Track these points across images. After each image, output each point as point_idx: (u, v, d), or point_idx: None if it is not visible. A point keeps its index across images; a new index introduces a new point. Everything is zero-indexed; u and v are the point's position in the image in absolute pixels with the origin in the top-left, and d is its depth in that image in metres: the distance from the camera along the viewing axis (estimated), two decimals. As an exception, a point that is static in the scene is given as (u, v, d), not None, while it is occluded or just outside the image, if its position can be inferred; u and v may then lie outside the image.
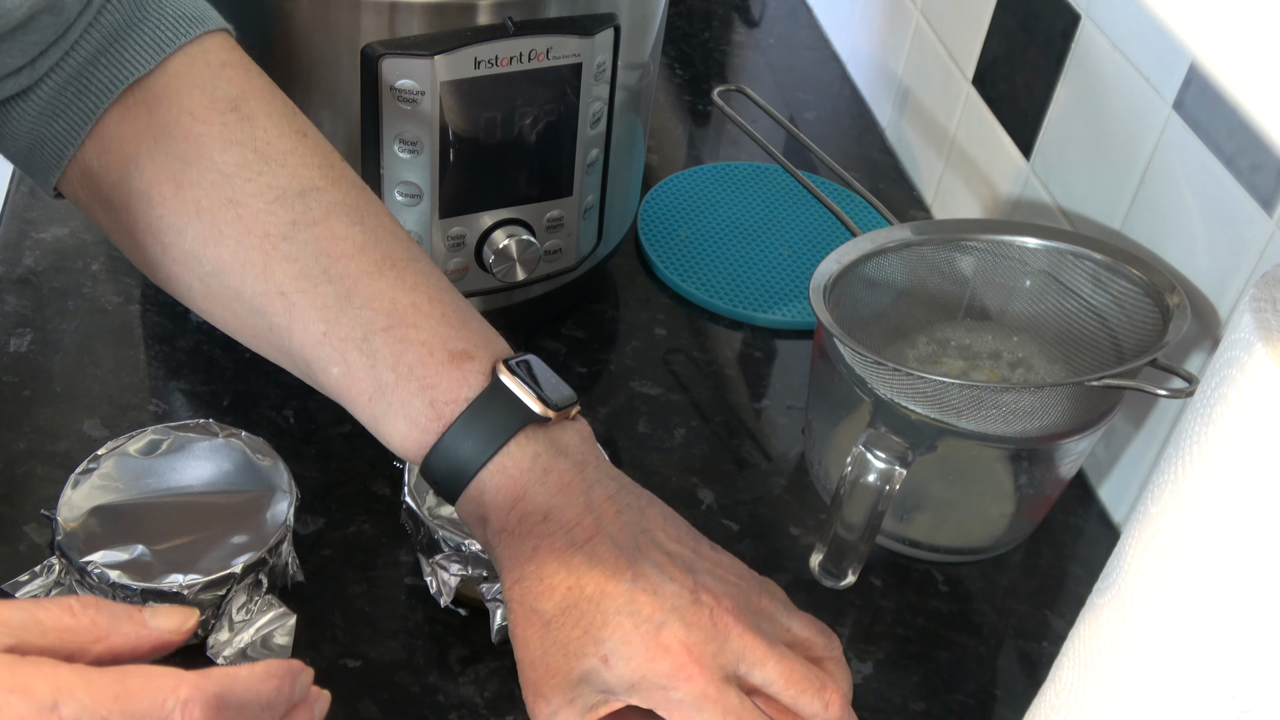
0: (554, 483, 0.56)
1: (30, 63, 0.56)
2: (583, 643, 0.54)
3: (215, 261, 0.57)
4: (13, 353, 0.76)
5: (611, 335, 0.85)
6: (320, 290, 0.56)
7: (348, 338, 0.56)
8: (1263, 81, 0.28)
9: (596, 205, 0.77)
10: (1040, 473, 0.70)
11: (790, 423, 0.80)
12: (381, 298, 0.57)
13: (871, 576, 0.71)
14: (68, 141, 0.58)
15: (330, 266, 0.56)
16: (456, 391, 0.56)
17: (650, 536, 0.57)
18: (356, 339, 0.56)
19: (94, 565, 0.59)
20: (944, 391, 0.64)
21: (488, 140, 0.69)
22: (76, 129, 0.57)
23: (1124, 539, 0.47)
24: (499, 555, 0.57)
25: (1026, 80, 0.84)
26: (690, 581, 0.55)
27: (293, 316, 0.57)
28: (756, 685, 0.55)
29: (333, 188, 0.58)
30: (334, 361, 0.57)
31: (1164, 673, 0.45)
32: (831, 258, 0.70)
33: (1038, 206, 0.83)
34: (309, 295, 0.56)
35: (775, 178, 0.98)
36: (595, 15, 0.69)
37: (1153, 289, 0.67)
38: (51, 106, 0.57)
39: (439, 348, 0.56)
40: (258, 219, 0.56)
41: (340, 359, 0.56)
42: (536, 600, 0.55)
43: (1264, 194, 0.63)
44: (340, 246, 0.57)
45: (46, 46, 0.56)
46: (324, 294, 0.56)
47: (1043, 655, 0.68)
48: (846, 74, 1.14)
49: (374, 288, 0.57)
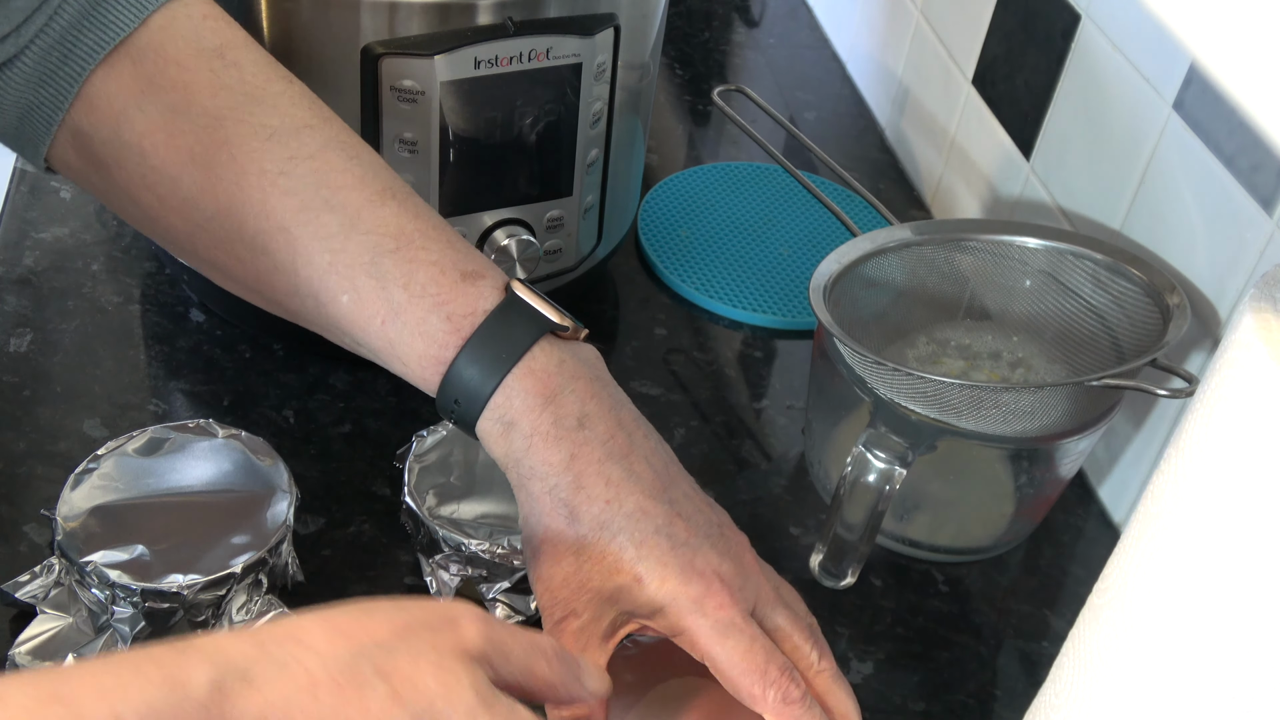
0: (583, 390, 0.55)
1: (14, 30, 0.56)
2: (618, 560, 0.54)
3: (213, 205, 0.56)
4: (13, 353, 0.76)
5: (611, 335, 0.85)
6: (323, 220, 0.55)
7: (355, 264, 0.55)
8: (1263, 81, 0.28)
9: (596, 205, 0.77)
10: (1040, 473, 0.70)
11: (790, 423, 0.80)
12: (387, 224, 0.56)
13: (871, 576, 0.71)
14: (56, 106, 0.57)
15: (331, 197, 0.56)
16: (473, 304, 0.55)
17: (677, 466, 0.57)
18: (364, 263, 0.55)
19: (94, 565, 0.59)
20: (944, 391, 0.64)
21: (488, 140, 0.69)
22: (64, 93, 0.57)
23: (1124, 539, 0.47)
24: (530, 462, 0.55)
25: (1026, 80, 0.84)
26: (715, 517, 0.56)
27: (296, 251, 0.56)
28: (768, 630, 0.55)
29: (325, 125, 0.58)
30: (342, 289, 0.56)
31: (1164, 672, 0.45)
32: (831, 258, 0.70)
33: (1038, 206, 0.83)
34: (311, 227, 0.55)
35: (775, 178, 0.98)
36: (595, 15, 0.69)
37: (1153, 289, 0.67)
38: (38, 73, 0.57)
39: (450, 267, 0.56)
40: (252, 158, 0.56)
41: (349, 285, 0.55)
42: (574, 510, 0.54)
43: (1264, 194, 0.63)
44: (340, 179, 0.56)
45: (30, 13, 0.56)
46: (327, 224, 0.55)
47: (1043, 655, 0.68)
48: (846, 74, 1.14)
49: (378, 215, 0.56)
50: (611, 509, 0.54)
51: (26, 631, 0.60)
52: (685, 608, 0.54)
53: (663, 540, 0.54)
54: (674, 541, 0.54)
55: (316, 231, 0.56)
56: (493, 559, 0.62)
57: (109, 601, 0.60)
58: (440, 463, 0.66)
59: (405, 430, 0.70)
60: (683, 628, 0.54)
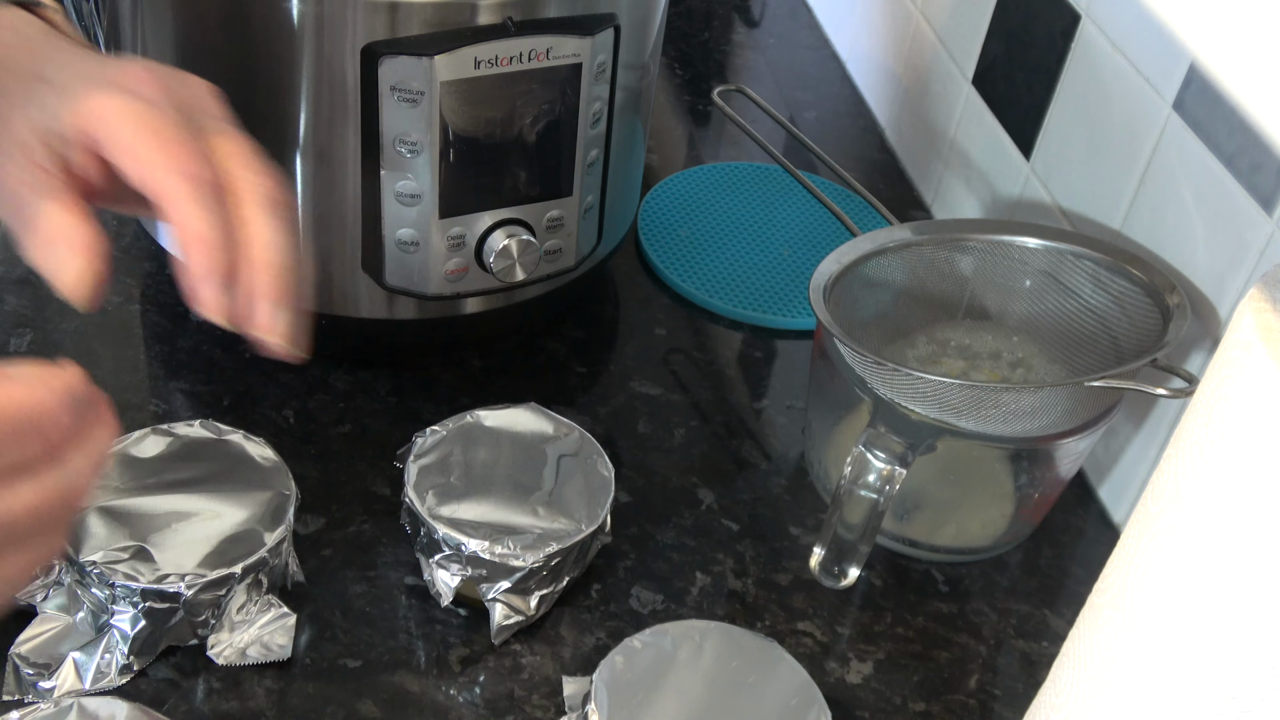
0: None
1: None
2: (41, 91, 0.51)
3: None
4: (13, 353, 0.76)
5: (611, 335, 0.85)
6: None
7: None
8: (1263, 81, 0.28)
9: (596, 205, 0.77)
10: (1040, 473, 0.70)
11: (790, 423, 0.80)
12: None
13: (871, 576, 0.71)
14: None
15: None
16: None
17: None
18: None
19: (94, 565, 0.59)
20: (944, 391, 0.64)
21: (488, 140, 0.69)
22: None
23: (1124, 539, 0.47)
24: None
25: (1026, 80, 0.84)
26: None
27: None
28: None
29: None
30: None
31: (1164, 672, 0.45)
32: (831, 258, 0.70)
33: (1038, 206, 0.83)
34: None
35: (775, 178, 0.98)
36: (595, 15, 0.69)
37: (1153, 289, 0.67)
38: None
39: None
40: None
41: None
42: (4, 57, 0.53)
43: (1264, 194, 0.63)
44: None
45: None
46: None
47: (1043, 655, 0.68)
48: (846, 74, 1.14)
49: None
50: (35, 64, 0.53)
51: (26, 631, 0.60)
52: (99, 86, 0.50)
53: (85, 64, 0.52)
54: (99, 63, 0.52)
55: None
56: (493, 559, 0.62)
57: (109, 601, 0.60)
58: (440, 463, 0.66)
59: (405, 430, 0.70)
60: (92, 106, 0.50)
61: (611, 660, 0.60)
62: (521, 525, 0.64)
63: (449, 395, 0.78)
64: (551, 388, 0.80)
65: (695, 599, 0.69)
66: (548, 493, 0.66)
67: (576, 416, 0.73)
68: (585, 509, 0.65)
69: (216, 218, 0.50)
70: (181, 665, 0.62)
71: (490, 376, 0.80)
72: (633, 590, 0.69)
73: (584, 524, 0.64)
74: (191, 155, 0.50)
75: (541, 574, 0.63)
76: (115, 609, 0.60)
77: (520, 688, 0.63)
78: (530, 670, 0.64)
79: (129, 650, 0.60)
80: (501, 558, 0.62)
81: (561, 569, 0.64)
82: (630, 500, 0.73)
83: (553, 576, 0.64)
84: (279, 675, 0.62)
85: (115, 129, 0.50)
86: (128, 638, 0.60)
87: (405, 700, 0.62)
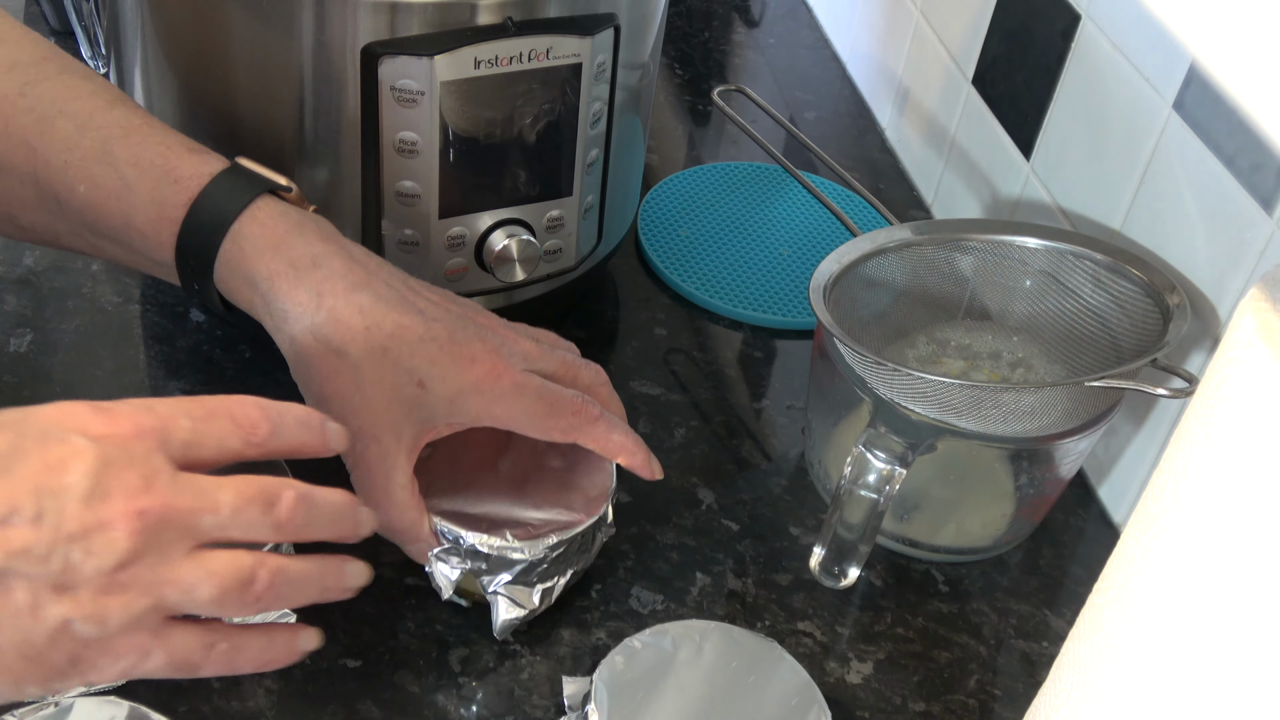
0: (312, 234, 0.59)
1: None
2: (396, 375, 0.58)
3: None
4: (13, 353, 0.76)
5: (611, 335, 0.85)
6: (58, 126, 0.59)
7: (88, 156, 0.59)
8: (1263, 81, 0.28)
9: (596, 205, 0.77)
10: (1040, 473, 0.70)
11: (790, 423, 0.80)
12: (117, 121, 0.60)
13: (871, 576, 0.71)
14: None
15: (65, 107, 0.60)
16: (199, 169, 0.59)
17: (413, 279, 0.62)
18: (97, 154, 0.59)
19: (94, 565, 0.59)
20: (944, 391, 0.64)
21: (488, 140, 0.69)
22: None
23: (1124, 539, 0.47)
24: (279, 306, 0.58)
25: (1026, 80, 0.84)
26: (460, 309, 0.62)
27: (36, 161, 0.59)
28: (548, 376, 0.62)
29: (62, 58, 0.62)
30: (79, 180, 0.59)
31: (1164, 673, 0.45)
32: (831, 258, 0.70)
33: (1038, 206, 0.83)
34: (48, 136, 0.59)
35: (775, 178, 0.98)
36: (595, 15, 0.69)
37: (1153, 289, 0.67)
38: None
39: (176, 145, 0.60)
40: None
41: (84, 176, 0.59)
42: (339, 344, 0.58)
43: (1264, 194, 0.63)
44: (76, 93, 0.60)
45: None
46: (62, 129, 0.59)
47: (1043, 655, 0.68)
48: (846, 74, 1.14)
49: (109, 115, 0.60)
50: (373, 334, 0.58)
51: (26, 631, 0.60)
52: (472, 391, 0.59)
53: (429, 346, 0.59)
54: (439, 343, 0.59)
55: (53, 138, 0.59)
56: (491, 552, 0.62)
57: (109, 602, 0.60)
58: (437, 455, 0.66)
59: (405, 430, 0.70)
60: (477, 410, 0.60)
61: (611, 660, 0.60)
62: (522, 517, 0.64)
63: (449, 395, 0.78)
64: (551, 388, 0.80)
65: (695, 599, 0.69)
66: (549, 484, 0.66)
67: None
68: (585, 500, 0.65)
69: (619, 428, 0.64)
70: (181, 665, 0.62)
71: (490, 376, 0.80)
72: (633, 590, 0.69)
73: (584, 515, 0.64)
74: (574, 405, 0.62)
75: (542, 567, 0.63)
76: (115, 609, 0.60)
77: (520, 688, 0.63)
78: (530, 670, 0.64)
79: (129, 650, 0.60)
80: (500, 550, 0.62)
81: (564, 561, 0.64)
82: (630, 500, 0.73)
83: (555, 569, 0.64)
84: (279, 675, 0.62)
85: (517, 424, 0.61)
86: (128, 638, 0.60)
87: (405, 700, 0.62)
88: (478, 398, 0.59)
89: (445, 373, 0.59)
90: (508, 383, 0.60)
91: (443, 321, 0.60)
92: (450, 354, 0.59)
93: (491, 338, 0.61)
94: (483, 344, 0.60)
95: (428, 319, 0.59)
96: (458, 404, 0.59)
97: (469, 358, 0.59)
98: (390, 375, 0.58)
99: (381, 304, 0.59)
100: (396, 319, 0.59)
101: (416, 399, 0.59)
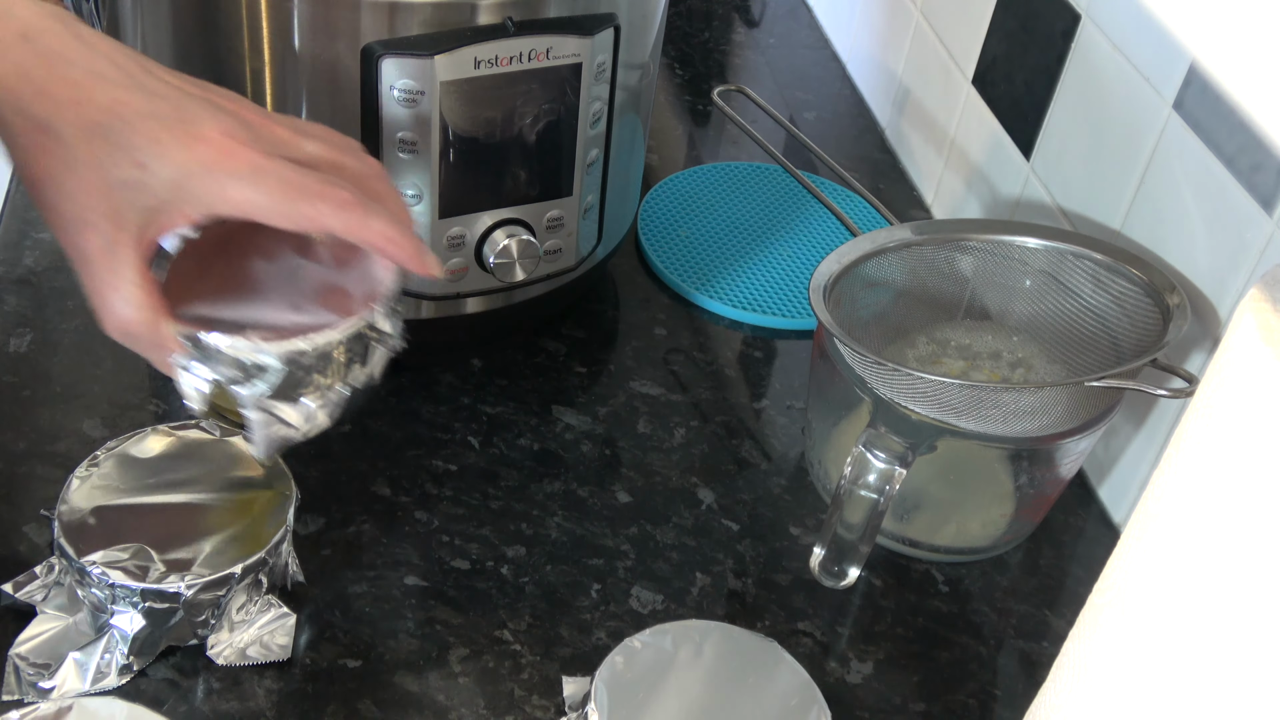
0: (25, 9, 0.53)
1: None
2: (112, 154, 0.52)
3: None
4: (13, 353, 0.76)
5: (611, 335, 0.85)
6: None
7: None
8: (1263, 81, 0.28)
9: (596, 205, 0.77)
10: (1040, 473, 0.70)
11: (790, 423, 0.80)
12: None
13: (871, 576, 0.71)
14: None
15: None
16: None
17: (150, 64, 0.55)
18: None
19: (94, 565, 0.59)
20: (944, 391, 0.64)
21: (487, 140, 0.69)
22: None
23: (1124, 539, 0.47)
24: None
25: (1026, 80, 0.84)
26: (200, 91, 0.54)
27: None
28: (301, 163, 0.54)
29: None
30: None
31: (1164, 673, 0.45)
32: (831, 258, 0.70)
33: (1038, 206, 0.83)
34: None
35: (775, 178, 0.98)
36: (595, 15, 0.69)
37: (1153, 289, 0.67)
38: None
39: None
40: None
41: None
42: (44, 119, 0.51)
43: (1264, 194, 0.63)
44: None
45: None
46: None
47: (1043, 655, 0.68)
48: (846, 74, 1.14)
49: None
50: (84, 109, 0.51)
51: (26, 631, 0.60)
52: (201, 171, 0.52)
53: (151, 123, 0.52)
54: (163, 120, 0.52)
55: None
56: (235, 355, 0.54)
57: (109, 601, 0.60)
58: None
59: (405, 430, 0.70)
60: (209, 194, 0.52)
61: (611, 660, 0.60)
62: (277, 321, 0.56)
63: (449, 395, 0.78)
64: (551, 388, 0.80)
65: (695, 599, 0.69)
66: (314, 287, 0.58)
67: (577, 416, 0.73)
68: (352, 303, 0.57)
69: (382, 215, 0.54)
70: (181, 665, 0.62)
71: (490, 376, 0.80)
72: (633, 590, 0.69)
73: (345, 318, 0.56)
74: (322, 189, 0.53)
75: (303, 377, 0.55)
76: (115, 609, 0.60)
77: (520, 688, 0.63)
78: (530, 670, 0.64)
79: (129, 650, 0.60)
80: (243, 353, 0.54)
81: (329, 374, 0.56)
82: (630, 500, 0.73)
83: (320, 383, 0.56)
84: (279, 675, 0.62)
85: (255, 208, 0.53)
86: (127, 638, 0.60)
87: (405, 700, 0.62)
88: (207, 179, 0.52)
89: (168, 150, 0.52)
90: (243, 162, 0.52)
91: (170, 99, 0.53)
92: (175, 132, 0.52)
93: (230, 119, 0.53)
94: (216, 123, 0.53)
95: (152, 95, 0.52)
96: (185, 187, 0.52)
97: (197, 136, 0.52)
98: (106, 154, 0.51)
99: (98, 79, 0.52)
100: (115, 94, 0.52)
101: (137, 181, 0.52)
